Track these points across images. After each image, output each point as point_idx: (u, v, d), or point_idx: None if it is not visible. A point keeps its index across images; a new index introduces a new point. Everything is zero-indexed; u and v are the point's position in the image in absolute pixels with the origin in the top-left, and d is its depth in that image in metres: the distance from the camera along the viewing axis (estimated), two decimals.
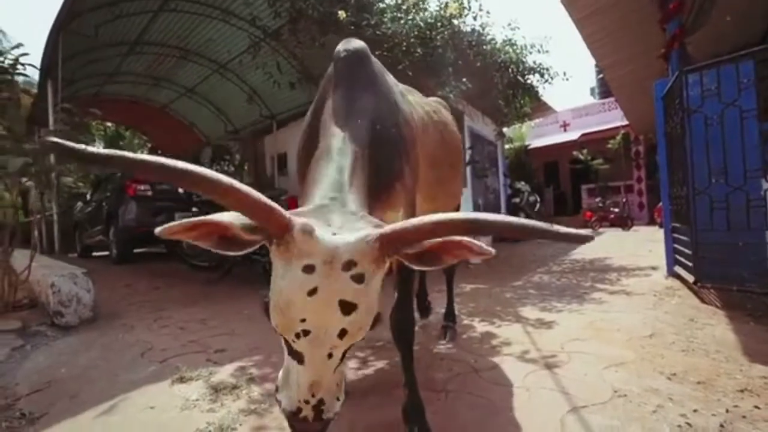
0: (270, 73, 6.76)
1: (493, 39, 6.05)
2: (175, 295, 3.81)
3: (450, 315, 2.44)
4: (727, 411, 1.44)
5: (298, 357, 0.81)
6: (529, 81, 6.45)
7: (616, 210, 11.08)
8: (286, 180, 9.53)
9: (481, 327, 2.57)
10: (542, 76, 6.25)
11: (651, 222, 11.73)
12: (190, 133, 10.80)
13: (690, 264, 3.14)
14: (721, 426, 1.35)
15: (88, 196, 8.01)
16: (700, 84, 2.89)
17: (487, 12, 5.57)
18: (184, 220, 0.80)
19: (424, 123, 1.76)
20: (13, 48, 2.94)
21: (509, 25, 6.08)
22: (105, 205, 6.81)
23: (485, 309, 3.02)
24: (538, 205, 10.07)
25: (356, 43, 1.37)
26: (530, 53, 6.14)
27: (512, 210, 9.36)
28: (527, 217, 8.26)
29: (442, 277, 2.67)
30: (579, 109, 15.96)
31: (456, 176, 2.26)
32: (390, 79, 1.54)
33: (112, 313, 3.03)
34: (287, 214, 0.79)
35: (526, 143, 15.38)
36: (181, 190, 4.86)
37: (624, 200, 11.71)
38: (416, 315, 1.89)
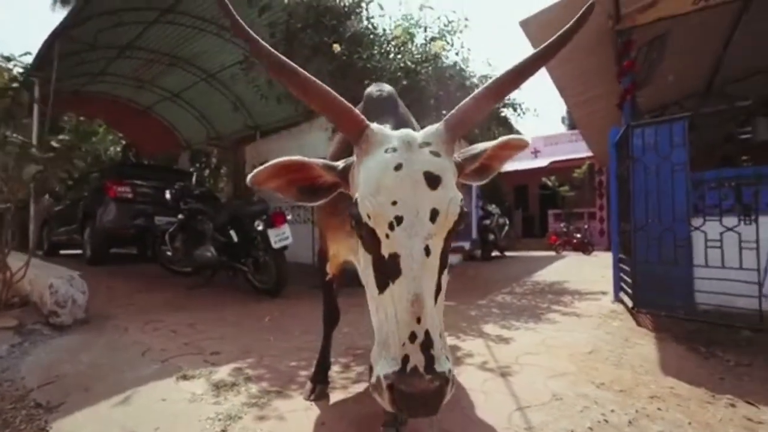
0: (259, 87, 7.03)
1: (473, 73, 6.56)
2: (159, 300, 3.95)
3: None
4: (636, 411, 1.82)
5: (393, 266, 0.79)
6: (503, 114, 6.99)
7: (579, 235, 11.83)
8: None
9: (447, 340, 2.90)
10: (515, 110, 6.80)
11: (609, 248, 12.56)
12: (170, 135, 10.79)
13: (630, 291, 3.60)
14: (630, 422, 1.72)
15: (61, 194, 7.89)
16: (642, 138, 3.39)
17: (468, 49, 6.07)
18: (275, 161, 0.94)
19: None
20: (21, 55, 3.10)
21: (487, 61, 6.62)
22: (81, 204, 6.78)
23: (452, 325, 3.36)
24: (506, 228, 10.63)
25: (387, 87, 1.62)
26: None
27: (482, 231, 9.86)
28: (495, 238, 8.74)
29: None
30: (549, 137, 16.93)
31: None
32: (413, 119, 1.78)
33: (102, 314, 3.17)
34: (362, 115, 0.91)
35: None
36: (168, 196, 4.97)
37: (586, 227, 12.48)
38: None
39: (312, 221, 7.04)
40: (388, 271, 0.81)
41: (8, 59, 3.07)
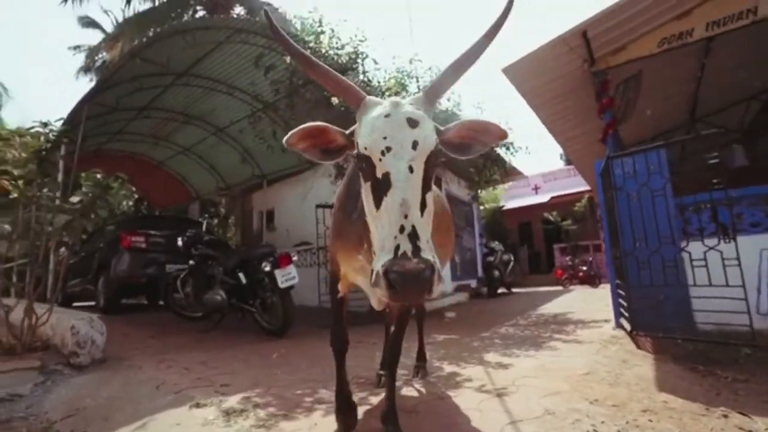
0: (265, 138, 7.51)
1: (465, 116, 6.99)
2: (173, 343, 4.08)
3: (421, 356, 2.86)
4: (626, 422, 1.90)
5: (386, 182, 1.05)
6: (496, 153, 7.34)
7: (585, 268, 11.80)
8: (271, 235, 9.95)
9: (448, 368, 2.99)
10: (507, 149, 7.15)
11: None
12: (181, 187, 11.28)
13: (627, 315, 3.68)
14: (618, 431, 1.80)
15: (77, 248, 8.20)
16: (622, 167, 3.63)
17: (459, 95, 6.56)
18: (303, 126, 1.25)
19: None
20: (56, 121, 3.48)
21: (477, 105, 7.07)
22: (96, 256, 7.05)
23: (454, 355, 3.44)
24: (511, 264, 10.67)
25: None
26: None
27: (486, 267, 9.92)
28: (501, 274, 8.81)
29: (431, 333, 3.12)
30: (548, 174, 17.34)
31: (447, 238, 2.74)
32: None
33: (118, 356, 3.31)
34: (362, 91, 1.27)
35: (501, 204, 16.39)
36: (180, 242, 5.22)
37: (591, 259, 12.47)
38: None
39: (318, 264, 7.21)
40: (382, 187, 1.07)
41: (45, 125, 3.45)
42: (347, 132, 1.30)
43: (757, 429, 1.93)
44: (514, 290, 10.76)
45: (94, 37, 15.39)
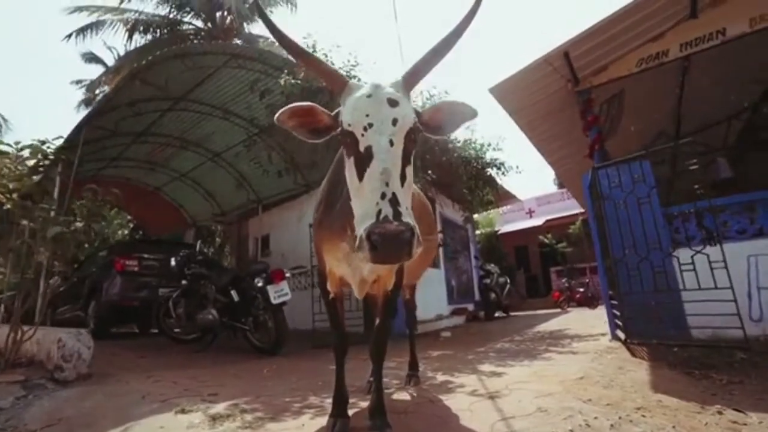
0: (260, 162, 7.61)
1: (456, 138, 7.16)
2: (163, 362, 3.99)
3: (413, 365, 2.82)
4: (619, 418, 1.87)
5: (368, 154, 1.13)
6: (488, 173, 7.47)
7: (582, 290, 11.74)
8: (267, 260, 9.88)
9: (442, 377, 2.94)
10: (499, 169, 7.29)
11: None
12: (177, 214, 11.29)
13: (621, 324, 3.66)
14: (611, 426, 1.78)
15: (68, 274, 8.11)
16: (608, 178, 3.72)
17: None
18: (292, 105, 1.34)
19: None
20: (54, 139, 3.55)
21: (468, 127, 7.26)
22: (87, 281, 6.97)
23: (448, 366, 3.38)
24: (508, 286, 10.59)
25: None
26: (488, 150, 7.25)
27: (483, 290, 9.85)
28: (497, 297, 8.75)
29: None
30: (542, 197, 17.54)
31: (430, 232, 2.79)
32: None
33: (104, 372, 3.22)
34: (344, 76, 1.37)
35: (496, 228, 16.45)
36: (173, 262, 5.20)
37: (588, 281, 12.43)
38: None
39: (312, 285, 7.16)
40: (365, 159, 1.15)
41: (43, 142, 3.52)
42: (333, 113, 1.36)
43: (751, 422, 1.91)
44: (512, 314, 10.63)
45: (96, 72, 15.77)
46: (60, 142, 3.72)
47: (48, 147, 3.45)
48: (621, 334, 4.00)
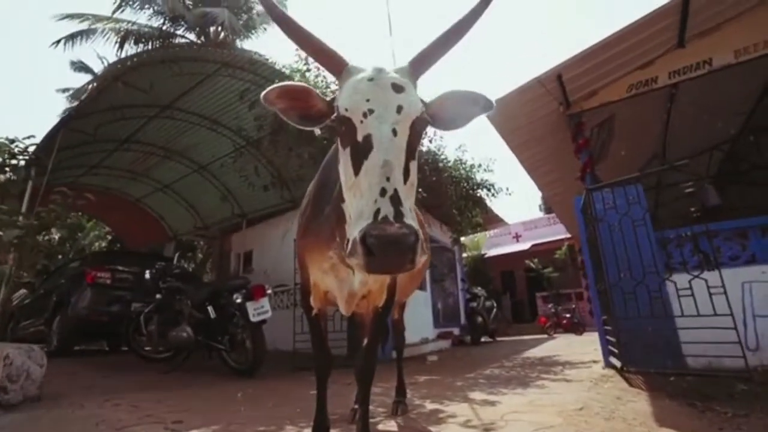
0: (247, 176, 7.41)
1: (446, 158, 7.12)
2: (128, 382, 3.67)
3: (401, 391, 2.61)
4: None
5: (366, 144, 0.97)
6: (478, 194, 7.42)
7: (568, 315, 11.65)
8: (249, 277, 9.53)
9: (431, 406, 2.73)
10: (489, 190, 7.24)
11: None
12: (157, 226, 10.90)
13: (616, 351, 3.52)
14: None
15: (35, 286, 7.65)
16: (602, 199, 3.66)
17: (441, 137, 6.71)
18: (284, 83, 1.17)
19: None
20: (25, 138, 3.34)
21: (459, 147, 7.24)
22: (54, 294, 6.56)
23: (437, 393, 3.17)
24: (494, 311, 10.40)
25: None
26: (478, 171, 7.22)
27: (470, 313, 9.66)
28: (484, 321, 8.58)
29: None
30: (528, 222, 17.65)
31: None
32: None
33: (57, 393, 2.92)
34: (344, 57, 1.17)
35: (483, 252, 16.40)
36: (147, 275, 4.90)
37: (573, 306, 12.37)
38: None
39: (294, 304, 6.87)
40: (363, 150, 0.97)
41: (12, 141, 3.30)
42: (329, 98, 1.21)
43: None
44: (498, 338, 10.43)
45: (84, 81, 15.53)
46: (32, 141, 3.49)
47: (16, 146, 3.22)
48: (615, 362, 3.86)
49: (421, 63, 1.18)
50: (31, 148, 3.32)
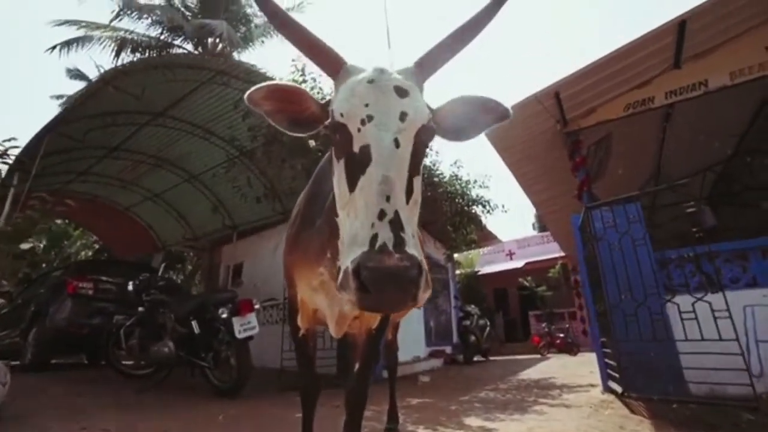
0: (239, 187, 7.27)
1: (441, 174, 7.06)
2: (103, 402, 3.45)
3: (393, 417, 2.46)
4: None
5: (364, 156, 0.84)
6: (473, 211, 7.35)
7: (562, 335, 11.51)
8: (238, 290, 9.28)
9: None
10: (484, 207, 7.18)
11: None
12: (146, 236, 10.66)
13: (617, 375, 3.40)
14: None
15: (13, 295, 7.36)
16: (601, 218, 3.58)
17: (436, 152, 6.67)
18: (273, 82, 1.05)
19: None
20: (5, 140, 3.20)
21: (455, 163, 7.20)
22: (32, 303, 6.29)
23: (430, 419, 3.01)
24: (487, 329, 10.22)
25: None
26: (473, 187, 7.16)
27: (463, 332, 9.48)
28: (476, 339, 8.41)
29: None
30: (522, 240, 17.63)
31: None
32: None
33: (21, 414, 2.71)
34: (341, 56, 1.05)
35: (476, 269, 16.28)
36: (130, 287, 4.70)
37: (567, 326, 12.24)
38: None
39: (283, 319, 6.67)
40: (359, 163, 0.85)
41: None
42: (324, 101, 1.10)
43: None
44: (491, 358, 10.23)
45: (79, 88, 15.38)
46: (13, 144, 3.35)
47: None
48: (615, 386, 3.73)
49: (428, 64, 1.06)
50: (13, 151, 3.18)
